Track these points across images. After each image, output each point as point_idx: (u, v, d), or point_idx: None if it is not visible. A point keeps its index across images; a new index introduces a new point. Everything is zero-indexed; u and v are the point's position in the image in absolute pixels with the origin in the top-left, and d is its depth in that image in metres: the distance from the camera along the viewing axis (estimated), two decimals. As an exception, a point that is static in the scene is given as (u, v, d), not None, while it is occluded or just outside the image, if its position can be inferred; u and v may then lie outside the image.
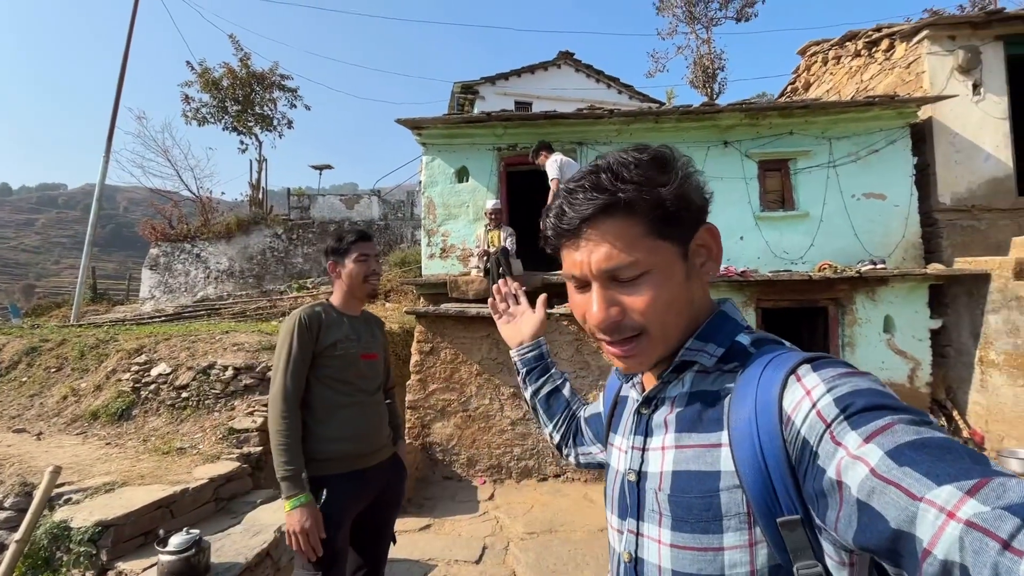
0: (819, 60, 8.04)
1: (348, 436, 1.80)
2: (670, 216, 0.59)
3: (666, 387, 0.66)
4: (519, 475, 4.60)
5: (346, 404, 1.82)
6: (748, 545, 0.54)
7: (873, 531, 0.42)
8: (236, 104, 13.72)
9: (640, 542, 0.64)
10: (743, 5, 18.58)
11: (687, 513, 0.58)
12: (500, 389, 4.71)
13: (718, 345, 0.62)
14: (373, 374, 1.95)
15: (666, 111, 5.75)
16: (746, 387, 0.57)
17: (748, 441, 0.54)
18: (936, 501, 0.39)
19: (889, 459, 0.42)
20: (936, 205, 5.72)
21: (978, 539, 0.36)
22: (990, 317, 5.13)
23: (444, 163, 6.03)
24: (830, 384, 0.51)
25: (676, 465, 0.60)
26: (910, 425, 0.44)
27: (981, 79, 5.75)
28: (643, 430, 0.67)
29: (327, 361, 1.79)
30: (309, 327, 1.78)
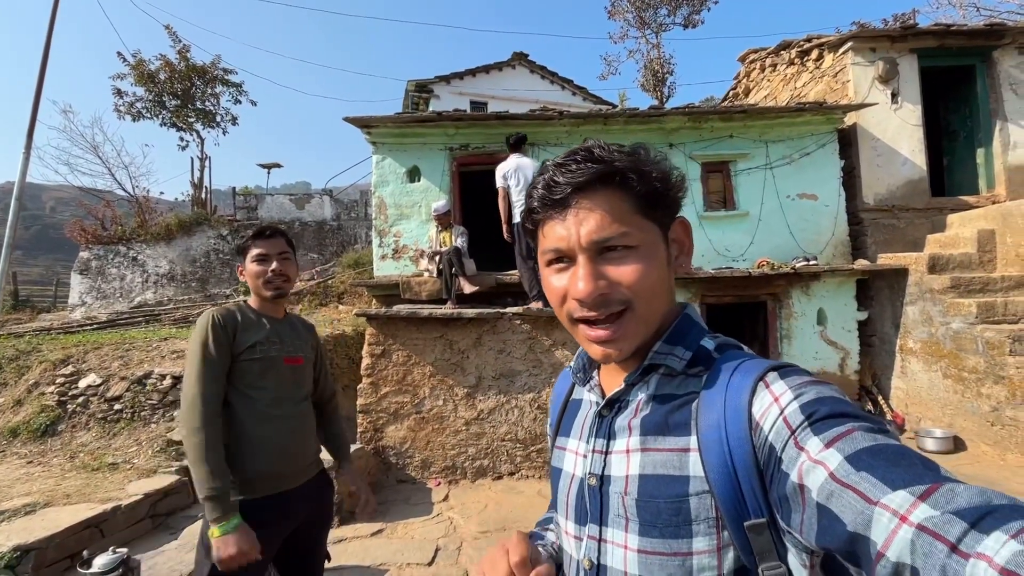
0: (757, 67, 8.46)
1: (269, 453, 1.61)
2: (658, 196, 0.60)
3: (631, 390, 0.65)
4: (474, 475, 4.61)
5: (267, 416, 1.63)
6: (716, 549, 0.55)
7: (832, 533, 0.44)
8: (175, 99, 13.03)
9: (603, 548, 0.62)
10: (690, 12, 19.25)
11: (655, 518, 0.58)
12: (454, 390, 4.70)
13: (686, 349, 0.63)
14: (298, 380, 1.78)
15: (614, 113, 5.90)
16: (714, 392, 0.58)
17: (717, 446, 0.55)
18: (890, 505, 0.40)
19: (848, 464, 0.44)
20: (861, 205, 6.15)
21: (928, 542, 0.37)
22: (908, 308, 5.56)
23: (395, 162, 5.96)
24: (796, 392, 0.53)
25: (643, 469, 0.60)
26: (868, 432, 0.47)
27: (899, 88, 6.23)
28: (605, 433, 0.65)
29: (244, 366, 1.62)
30: (224, 326, 1.61)
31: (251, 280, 1.73)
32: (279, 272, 1.73)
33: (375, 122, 5.71)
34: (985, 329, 4.76)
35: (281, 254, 1.74)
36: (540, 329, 4.78)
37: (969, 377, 4.86)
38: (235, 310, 1.70)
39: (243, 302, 1.78)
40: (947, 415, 5.10)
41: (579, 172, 0.59)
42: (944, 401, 5.13)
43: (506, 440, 4.64)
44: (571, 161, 0.60)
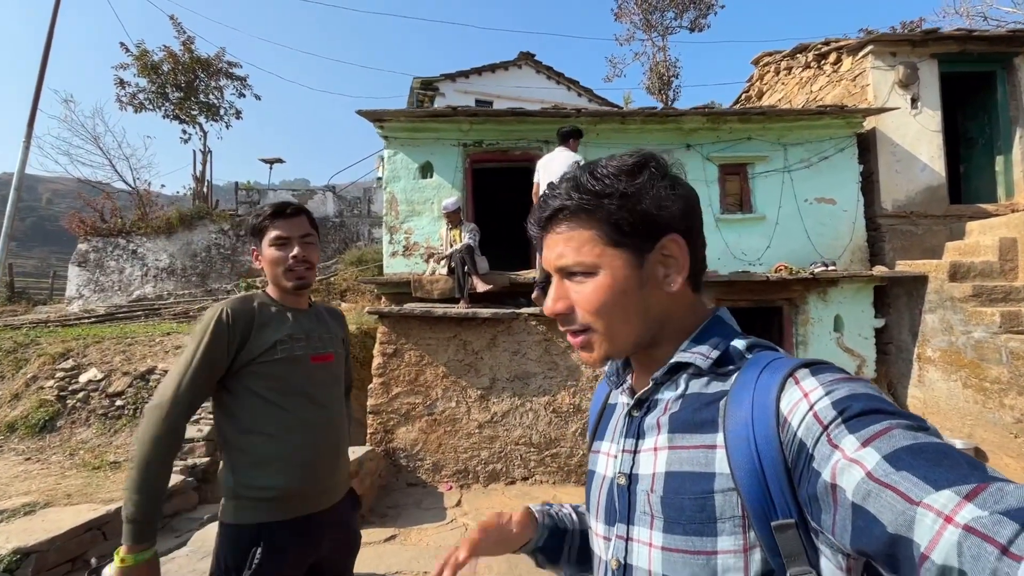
0: (772, 70, 8.37)
1: (292, 468, 1.37)
2: (621, 226, 0.61)
3: (659, 389, 0.65)
4: (486, 479, 4.48)
5: (290, 424, 1.39)
6: (742, 550, 0.53)
7: (869, 535, 0.42)
8: (178, 91, 12.86)
9: (629, 547, 0.62)
10: (697, 16, 19.24)
11: (679, 515, 0.57)
12: (467, 391, 4.57)
13: (713, 348, 0.62)
14: (328, 380, 1.53)
15: (632, 112, 5.80)
16: (743, 390, 0.57)
17: (744, 443, 0.54)
18: (934, 505, 0.39)
19: (886, 463, 0.43)
20: (879, 211, 6.06)
21: (976, 544, 0.36)
22: (927, 316, 5.47)
23: (407, 158, 5.83)
24: (828, 388, 0.51)
25: (669, 466, 0.59)
26: (907, 430, 0.45)
27: (919, 94, 6.14)
28: (635, 432, 0.65)
29: (265, 368, 1.39)
30: (233, 325, 1.36)
31: (269, 268, 1.47)
32: (302, 258, 1.46)
33: (388, 116, 5.58)
34: (1010, 339, 4.67)
35: (304, 237, 1.48)
36: (556, 331, 4.66)
37: (992, 387, 4.77)
38: (252, 303, 1.44)
39: (262, 292, 1.52)
40: (967, 425, 5.01)
41: (546, 208, 0.64)
42: (964, 411, 5.04)
43: (520, 444, 4.52)
44: (550, 195, 0.65)
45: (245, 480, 1.34)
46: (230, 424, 1.39)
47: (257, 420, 1.38)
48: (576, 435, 4.54)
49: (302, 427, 1.41)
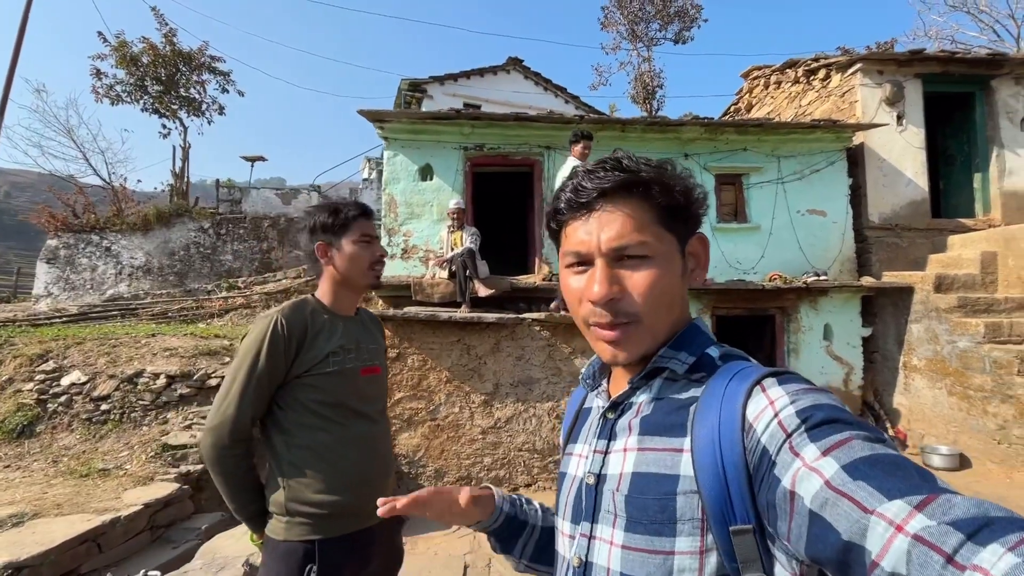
0: (761, 84, 8.59)
1: (346, 484, 1.34)
2: (678, 208, 0.62)
3: (634, 392, 0.66)
4: (489, 486, 4.44)
5: (342, 439, 1.37)
6: (699, 552, 0.54)
7: (824, 542, 0.43)
8: (158, 84, 12.45)
9: (592, 545, 0.63)
10: (681, 28, 19.66)
11: (641, 514, 0.58)
12: (470, 397, 4.52)
13: (690, 354, 0.63)
14: (376, 394, 1.51)
15: (633, 121, 5.86)
16: (712, 397, 0.58)
17: (709, 447, 0.55)
18: (886, 514, 0.40)
19: (844, 472, 0.44)
20: (867, 223, 6.26)
21: (924, 553, 0.37)
22: (913, 326, 5.67)
23: (407, 159, 5.76)
24: (793, 396, 0.52)
25: (636, 467, 0.60)
26: (866, 441, 0.46)
27: (904, 111, 6.39)
28: (607, 434, 0.66)
29: (316, 381, 1.35)
30: (289, 336, 1.33)
31: (349, 263, 1.43)
32: (383, 259, 1.50)
33: (389, 116, 5.51)
34: (993, 348, 4.87)
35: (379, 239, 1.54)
36: (560, 336, 4.65)
37: (975, 395, 4.96)
38: (305, 311, 1.40)
39: (312, 297, 1.47)
40: (951, 432, 5.19)
41: (606, 179, 0.61)
42: (949, 418, 5.22)
43: (523, 450, 4.48)
44: (600, 168, 0.63)
45: (298, 496, 1.31)
46: (281, 438, 1.35)
47: (310, 435, 1.35)
48: (579, 441, 4.53)
49: (356, 442, 1.39)
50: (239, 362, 1.32)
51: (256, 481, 1.37)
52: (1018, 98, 6.49)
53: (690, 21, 19.60)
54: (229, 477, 1.32)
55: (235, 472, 1.32)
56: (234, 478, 1.32)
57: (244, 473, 1.34)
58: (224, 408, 1.29)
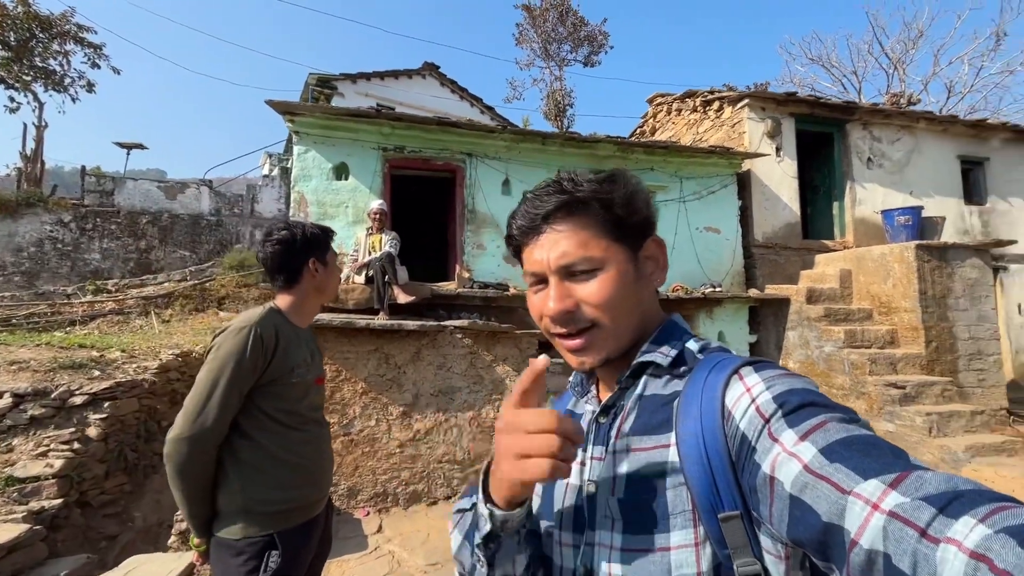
0: (664, 110, 9.33)
1: (303, 482, 1.51)
2: (620, 220, 0.65)
3: (623, 394, 0.67)
4: (407, 501, 4.24)
5: (302, 441, 1.52)
6: (694, 544, 0.55)
7: (805, 524, 0.45)
8: (5, 49, 10.55)
9: (595, 553, 0.62)
10: (590, 53, 20.81)
11: (637, 515, 0.58)
12: (388, 408, 4.31)
13: (671, 348, 0.65)
14: (322, 400, 1.73)
15: (552, 135, 6.04)
16: (693, 388, 0.60)
17: (693, 438, 0.56)
18: (863, 494, 0.42)
19: (822, 456, 0.45)
20: (753, 241, 7.02)
21: (899, 528, 0.38)
22: (789, 333, 6.42)
23: (320, 156, 5.42)
24: (769, 383, 0.54)
25: (629, 468, 0.61)
26: (841, 423, 0.48)
27: (781, 144, 7.28)
28: (602, 440, 0.66)
29: (282, 390, 1.46)
30: (267, 346, 1.42)
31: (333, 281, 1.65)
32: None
33: (301, 110, 5.15)
34: (851, 352, 5.66)
35: None
36: (482, 344, 4.62)
37: (838, 393, 5.73)
38: (276, 322, 1.49)
39: (274, 309, 1.55)
40: (819, 426, 5.93)
41: (548, 202, 0.65)
42: (817, 413, 5.97)
43: (443, 462, 4.36)
44: (543, 192, 0.67)
45: (261, 496, 1.41)
46: (243, 442, 1.42)
47: (271, 439, 1.45)
48: (500, 449, 4.51)
49: (310, 444, 1.54)
50: (217, 370, 1.36)
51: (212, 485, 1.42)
52: (865, 140, 7.70)
53: (598, 46, 20.80)
54: (196, 483, 1.36)
55: (203, 477, 1.37)
56: (200, 484, 1.37)
57: (209, 478, 1.39)
58: (203, 417, 1.33)
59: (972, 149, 8.24)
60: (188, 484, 1.35)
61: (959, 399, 5.57)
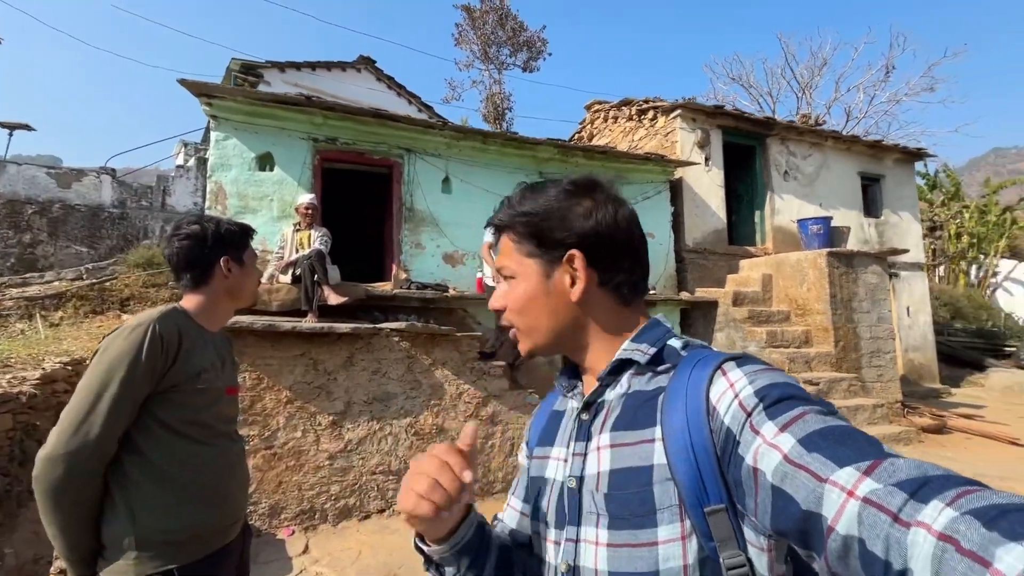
0: (601, 117, 9.54)
1: (210, 504, 1.31)
2: (532, 240, 0.70)
3: (604, 391, 0.68)
4: (337, 517, 3.95)
5: (206, 458, 1.32)
6: (680, 538, 0.56)
7: (786, 513, 0.46)
8: None
9: (578, 548, 0.63)
10: (528, 58, 21.05)
11: (623, 510, 0.59)
12: (316, 418, 3.99)
13: (651, 345, 0.67)
14: (235, 413, 1.52)
15: (493, 134, 5.97)
16: (678, 384, 0.61)
17: (679, 433, 0.57)
18: (839, 481, 0.43)
19: (800, 446, 0.47)
20: (684, 246, 7.31)
21: (873, 514, 0.40)
22: (717, 334, 6.74)
23: (242, 145, 4.98)
24: (751, 377, 0.56)
25: (613, 464, 0.62)
26: (819, 415, 0.50)
27: (710, 155, 7.66)
28: (584, 435, 0.68)
29: (185, 398, 1.28)
30: (166, 348, 1.23)
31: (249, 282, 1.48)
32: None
33: (221, 93, 4.70)
34: (772, 351, 6.02)
35: None
36: (420, 347, 4.41)
37: (760, 390, 6.07)
38: (177, 322, 1.30)
39: (178, 308, 1.37)
40: (744, 422, 6.26)
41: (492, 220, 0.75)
42: (742, 410, 6.29)
43: (377, 473, 4.11)
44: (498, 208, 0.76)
45: (158, 525, 1.22)
46: (133, 460, 1.22)
47: (177, 458, 1.26)
48: (438, 457, 4.32)
49: (219, 461, 1.36)
50: (104, 375, 1.17)
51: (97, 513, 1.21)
52: (782, 154, 8.29)
53: (537, 52, 21.08)
54: (76, 511, 1.15)
55: (84, 504, 1.17)
56: (81, 512, 1.16)
57: (93, 504, 1.19)
58: (85, 430, 1.13)
59: (870, 167, 9.12)
60: (64, 512, 1.13)
61: (863, 393, 6.09)
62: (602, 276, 0.69)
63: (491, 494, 4.47)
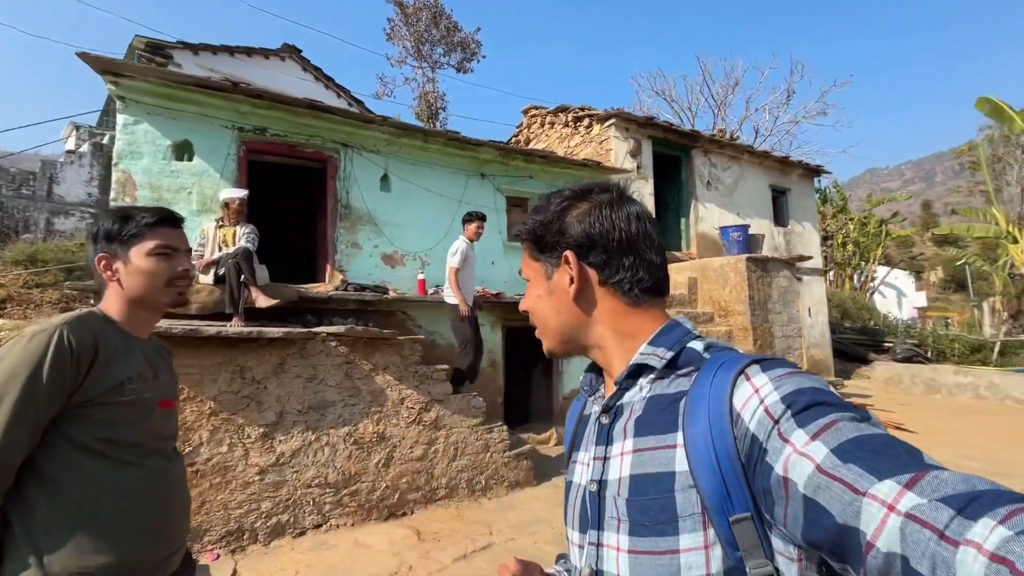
0: (538, 122, 9.70)
1: (139, 535, 1.14)
2: (534, 245, 0.75)
3: (623, 394, 0.68)
4: (268, 536, 3.65)
5: (137, 482, 1.15)
6: (704, 547, 0.55)
7: (819, 526, 0.45)
8: None
9: (600, 553, 0.63)
10: (462, 59, 20.98)
11: (644, 516, 0.59)
12: (245, 430, 3.68)
13: (668, 349, 0.66)
14: (172, 431, 1.33)
15: (435, 133, 5.85)
16: (700, 389, 0.60)
17: (702, 440, 0.56)
18: (878, 495, 0.41)
19: (834, 456, 0.45)
20: (618, 250, 7.59)
21: (917, 530, 0.38)
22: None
23: (156, 131, 4.49)
24: (776, 383, 0.54)
25: (634, 469, 0.61)
26: (852, 422, 0.48)
27: (642, 163, 8.03)
28: (605, 439, 0.68)
29: (106, 413, 1.10)
30: (78, 355, 1.06)
31: (141, 282, 1.22)
32: (188, 274, 1.29)
33: (131, 71, 4.21)
34: (699, 350, 6.41)
35: (189, 252, 1.33)
36: (359, 352, 4.21)
37: (688, 387, 6.44)
38: (93, 326, 1.13)
39: (98, 311, 1.22)
40: (673, 417, 6.61)
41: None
42: (672, 406, 6.65)
43: (313, 486, 3.86)
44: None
45: (71, 564, 1.04)
46: (38, 489, 1.05)
47: (94, 482, 1.09)
48: (379, 466, 4.14)
49: (154, 485, 1.19)
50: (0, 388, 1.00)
51: None
52: (705, 166, 8.88)
53: (471, 54, 21.07)
54: None
55: None
56: None
57: None
58: None
59: (779, 181, 10.02)
60: None
61: (776, 387, 6.65)
62: (602, 275, 0.69)
63: (434, 500, 4.36)
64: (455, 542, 3.69)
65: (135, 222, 1.23)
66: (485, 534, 3.82)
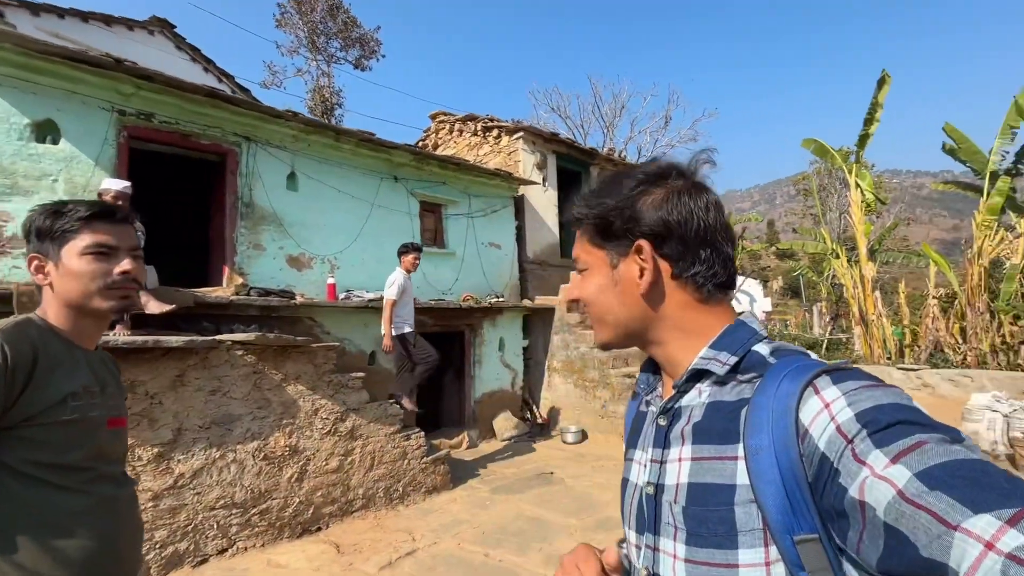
0: (446, 128, 9.75)
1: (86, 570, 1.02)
2: (598, 229, 0.70)
3: (681, 397, 0.66)
4: (163, 568, 3.27)
5: (82, 510, 1.03)
6: (764, 564, 0.53)
7: (900, 556, 0.42)
8: None
9: (657, 557, 0.63)
10: (360, 56, 20.27)
11: (701, 527, 0.57)
12: (135, 451, 3.25)
13: (731, 353, 0.62)
14: (121, 452, 1.22)
15: (347, 131, 5.65)
16: (763, 398, 0.56)
17: (764, 454, 0.53)
18: (973, 530, 0.38)
19: (919, 481, 0.41)
20: (525, 257, 7.94)
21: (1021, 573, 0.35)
22: (554, 337, 7.48)
23: (10, 106, 3.80)
24: (850, 398, 0.50)
25: (692, 477, 0.60)
26: (940, 444, 0.44)
27: (547, 176, 8.48)
28: (662, 442, 0.66)
29: (45, 433, 1.00)
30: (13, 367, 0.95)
31: (74, 285, 1.08)
32: (131, 275, 1.13)
33: (-23, 33, 3.53)
34: (599, 352, 6.94)
35: (133, 250, 1.16)
36: (268, 361, 3.95)
37: (589, 385, 6.93)
38: (31, 334, 1.01)
39: (37, 318, 1.08)
40: (576, 414, 7.07)
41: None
42: (575, 404, 7.10)
43: (217, 508, 3.54)
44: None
45: None
46: None
47: (32, 511, 0.98)
48: (292, 481, 3.91)
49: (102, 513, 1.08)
50: None
51: None
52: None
53: (370, 51, 20.42)
54: None
55: None
56: None
57: None
58: None
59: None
60: None
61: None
62: (676, 268, 0.65)
63: (350, 512, 4.23)
64: (378, 551, 3.63)
65: (67, 217, 1.11)
66: (408, 540, 3.81)
